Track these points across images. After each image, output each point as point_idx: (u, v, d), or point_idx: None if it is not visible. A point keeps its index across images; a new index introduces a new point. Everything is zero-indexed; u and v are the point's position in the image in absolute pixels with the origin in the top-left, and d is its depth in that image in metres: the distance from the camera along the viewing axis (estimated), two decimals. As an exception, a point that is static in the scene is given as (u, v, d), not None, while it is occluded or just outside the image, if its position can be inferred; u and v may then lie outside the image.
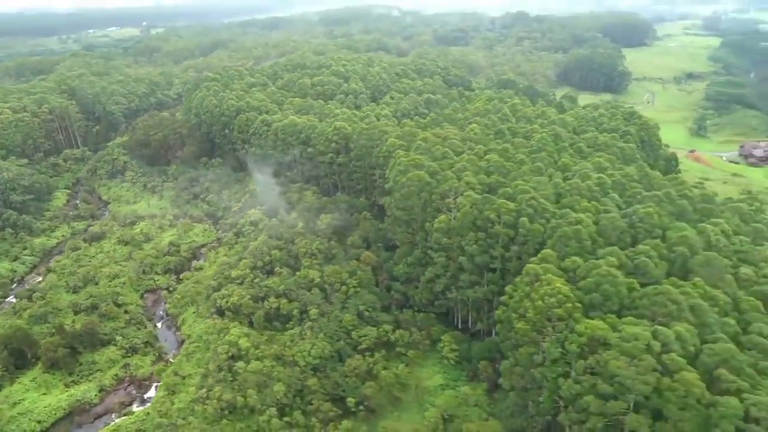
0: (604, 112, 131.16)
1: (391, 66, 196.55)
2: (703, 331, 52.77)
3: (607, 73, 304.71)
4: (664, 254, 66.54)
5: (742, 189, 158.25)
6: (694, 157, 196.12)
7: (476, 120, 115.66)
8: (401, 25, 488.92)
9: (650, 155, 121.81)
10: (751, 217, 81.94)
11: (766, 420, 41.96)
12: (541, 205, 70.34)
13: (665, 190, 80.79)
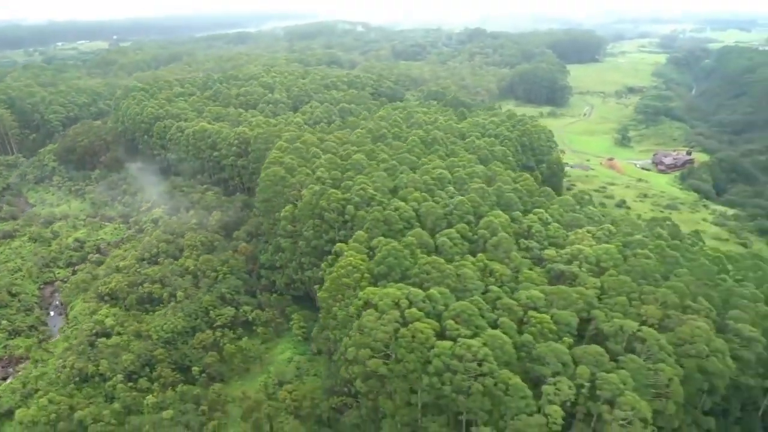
0: (497, 120, 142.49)
1: (324, 78, 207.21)
2: (461, 293, 62.51)
3: (548, 86, 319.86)
4: (469, 236, 76.69)
5: (639, 192, 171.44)
6: (609, 164, 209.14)
7: (366, 125, 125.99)
8: (364, 40, 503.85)
9: (530, 158, 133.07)
10: (572, 209, 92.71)
11: (465, 357, 51.31)
12: (368, 195, 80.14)
13: (497, 184, 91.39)
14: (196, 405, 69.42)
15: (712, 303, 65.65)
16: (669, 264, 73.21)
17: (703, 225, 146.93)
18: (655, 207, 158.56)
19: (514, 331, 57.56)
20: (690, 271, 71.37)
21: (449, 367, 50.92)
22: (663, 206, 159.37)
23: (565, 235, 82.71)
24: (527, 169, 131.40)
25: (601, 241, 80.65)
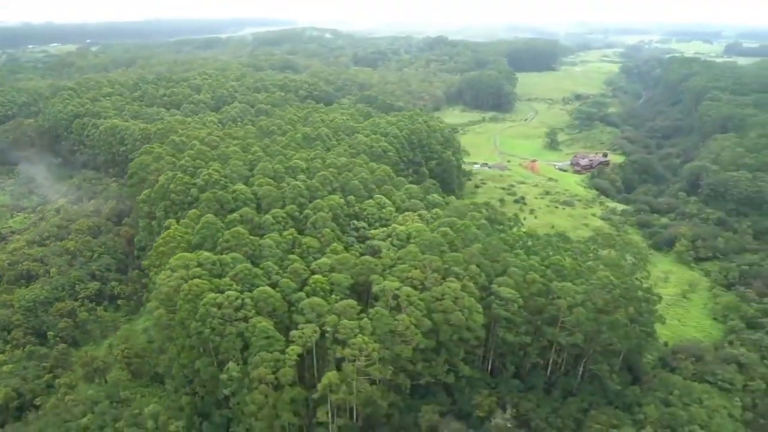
0: (393, 120, 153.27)
1: (257, 82, 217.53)
2: (258, 259, 72.47)
3: (494, 93, 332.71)
4: (296, 215, 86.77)
5: (543, 190, 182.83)
6: (529, 165, 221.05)
7: (262, 123, 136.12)
8: (330, 47, 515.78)
9: (417, 154, 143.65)
10: (416, 197, 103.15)
11: (224, 305, 61.17)
12: (213, 179, 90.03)
13: (345, 173, 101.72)
14: (39, 362, 78.28)
15: (485, 271, 76.19)
16: (467, 240, 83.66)
17: (592, 219, 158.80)
18: (552, 203, 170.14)
19: (291, 289, 67.42)
20: (483, 246, 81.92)
21: (209, 313, 60.50)
22: (560, 202, 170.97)
23: (396, 217, 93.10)
24: (414, 165, 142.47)
25: (426, 223, 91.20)
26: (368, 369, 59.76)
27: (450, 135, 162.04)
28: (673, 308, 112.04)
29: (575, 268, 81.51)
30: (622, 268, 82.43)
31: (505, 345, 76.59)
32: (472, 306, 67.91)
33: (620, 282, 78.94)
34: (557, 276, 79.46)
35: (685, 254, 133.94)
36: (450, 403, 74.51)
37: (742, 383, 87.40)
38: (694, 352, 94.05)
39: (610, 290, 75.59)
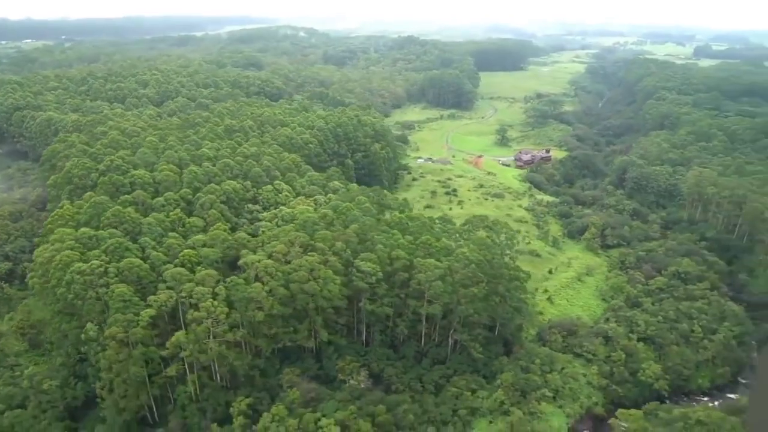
0: (323, 114, 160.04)
1: (208, 78, 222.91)
2: (136, 235, 78.75)
3: (454, 91, 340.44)
4: (189, 198, 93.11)
5: (478, 183, 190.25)
6: (474, 160, 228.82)
7: (189, 116, 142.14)
8: (302, 45, 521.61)
9: (343, 147, 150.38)
10: (317, 184, 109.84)
11: (86, 272, 67.52)
12: (114, 164, 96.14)
13: (248, 161, 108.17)
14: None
15: (351, 248, 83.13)
16: (347, 221, 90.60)
17: (517, 210, 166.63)
18: (483, 195, 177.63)
19: (161, 261, 73.87)
20: (358, 226, 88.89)
21: (74, 280, 66.71)
22: (491, 194, 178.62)
23: (290, 201, 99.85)
24: (339, 156, 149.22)
25: (317, 206, 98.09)
26: (218, 331, 66.28)
27: (382, 129, 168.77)
28: (566, 290, 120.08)
29: (445, 247, 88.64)
30: (488, 247, 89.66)
31: (372, 316, 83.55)
32: (327, 277, 74.69)
33: (481, 259, 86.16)
34: (426, 254, 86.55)
35: (593, 241, 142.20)
36: (318, 368, 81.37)
37: (605, 354, 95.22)
38: (569, 328, 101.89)
39: (467, 265, 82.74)
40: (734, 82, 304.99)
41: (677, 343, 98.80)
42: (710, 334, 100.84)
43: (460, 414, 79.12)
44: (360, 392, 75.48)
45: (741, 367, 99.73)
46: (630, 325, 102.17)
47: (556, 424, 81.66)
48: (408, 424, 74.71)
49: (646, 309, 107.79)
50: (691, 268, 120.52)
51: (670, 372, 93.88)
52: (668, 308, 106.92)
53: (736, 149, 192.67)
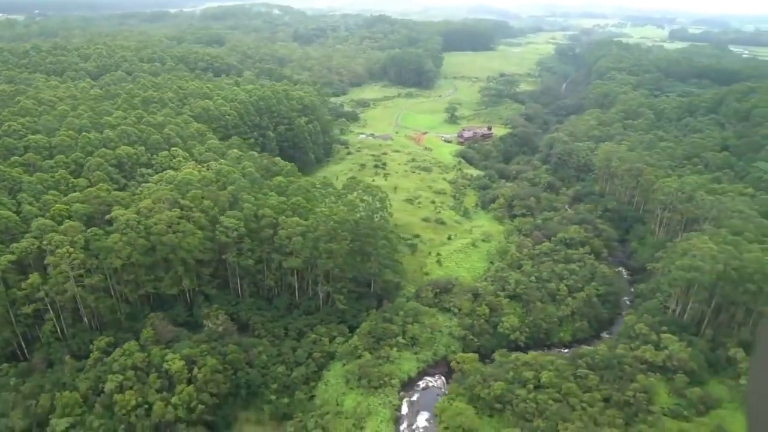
0: (249, 88, 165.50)
1: (154, 53, 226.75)
2: (17, 192, 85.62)
3: (415, 70, 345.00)
4: (81, 161, 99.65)
5: (411, 158, 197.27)
6: (416, 136, 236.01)
7: (109, 88, 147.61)
8: (274, 23, 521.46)
9: (265, 120, 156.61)
10: (215, 151, 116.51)
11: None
12: (11, 129, 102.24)
13: (150, 129, 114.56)
14: None
15: (221, 206, 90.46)
16: (227, 183, 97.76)
17: (439, 182, 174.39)
18: (412, 169, 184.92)
19: (33, 214, 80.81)
20: (236, 187, 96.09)
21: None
22: (420, 168, 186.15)
23: (183, 166, 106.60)
24: (261, 128, 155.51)
25: (207, 170, 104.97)
26: (74, 274, 73.71)
27: (312, 104, 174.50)
28: (458, 254, 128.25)
29: (313, 207, 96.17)
30: (354, 208, 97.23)
31: (241, 269, 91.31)
32: (188, 230, 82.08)
33: (346, 218, 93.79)
34: (293, 213, 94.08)
35: (499, 211, 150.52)
36: (187, 315, 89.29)
37: (470, 309, 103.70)
38: (444, 286, 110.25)
39: (327, 223, 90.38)
40: (685, 65, 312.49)
41: (542, 300, 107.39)
42: (575, 292, 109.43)
43: (314, 357, 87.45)
44: (218, 335, 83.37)
45: (602, 323, 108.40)
46: (502, 284, 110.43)
47: (406, 367, 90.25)
48: (260, 363, 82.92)
49: (524, 270, 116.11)
50: (576, 234, 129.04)
51: (531, 326, 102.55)
52: (543, 270, 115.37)
53: (661, 126, 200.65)
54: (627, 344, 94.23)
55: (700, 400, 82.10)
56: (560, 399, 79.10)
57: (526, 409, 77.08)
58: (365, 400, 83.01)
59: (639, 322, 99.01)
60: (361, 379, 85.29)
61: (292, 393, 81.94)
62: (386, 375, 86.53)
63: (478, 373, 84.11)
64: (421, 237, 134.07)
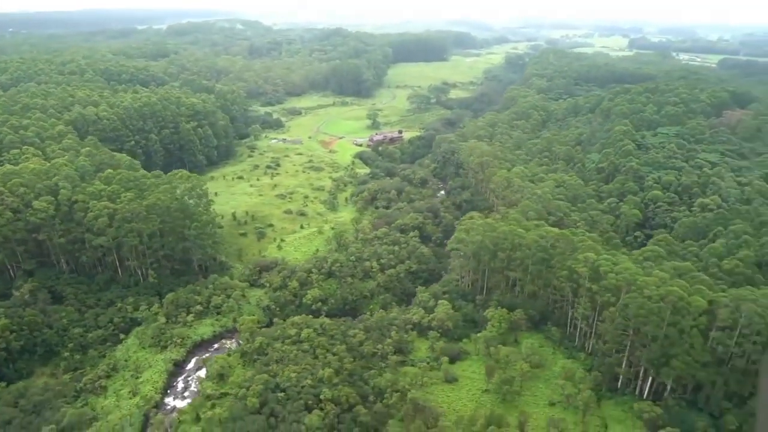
0: (139, 96, 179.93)
1: (80, 66, 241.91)
2: None
3: (353, 80, 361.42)
4: None
5: (309, 159, 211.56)
6: (329, 140, 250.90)
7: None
8: (236, 38, 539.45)
9: (149, 124, 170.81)
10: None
11: None
12: None
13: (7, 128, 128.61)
14: None
15: (38, 193, 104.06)
16: (50, 176, 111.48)
17: (323, 180, 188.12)
18: (304, 169, 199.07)
19: None
20: (60, 176, 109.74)
21: None
22: (311, 168, 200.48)
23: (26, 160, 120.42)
24: (144, 132, 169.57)
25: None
26: None
27: (205, 110, 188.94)
28: (301, 240, 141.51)
29: (134, 196, 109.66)
30: (168, 194, 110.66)
31: (57, 247, 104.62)
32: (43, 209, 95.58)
33: (156, 203, 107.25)
34: (109, 199, 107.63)
35: (361, 203, 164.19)
36: (6, 288, 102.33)
37: (281, 284, 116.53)
38: (267, 265, 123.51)
39: (130, 206, 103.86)
40: (605, 71, 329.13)
41: (354, 276, 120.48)
42: (387, 269, 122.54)
43: (116, 322, 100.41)
44: (24, 302, 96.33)
45: (409, 295, 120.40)
46: (321, 263, 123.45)
47: (201, 331, 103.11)
48: (61, 326, 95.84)
49: (349, 252, 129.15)
50: (411, 221, 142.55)
51: (339, 298, 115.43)
52: (366, 251, 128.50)
53: (546, 126, 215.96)
54: (405, 310, 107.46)
55: (443, 351, 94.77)
56: (308, 350, 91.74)
57: (273, 357, 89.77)
58: (152, 356, 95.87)
59: (426, 292, 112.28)
60: (153, 340, 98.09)
61: (86, 351, 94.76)
62: (178, 337, 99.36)
63: (252, 332, 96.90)
64: (274, 226, 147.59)
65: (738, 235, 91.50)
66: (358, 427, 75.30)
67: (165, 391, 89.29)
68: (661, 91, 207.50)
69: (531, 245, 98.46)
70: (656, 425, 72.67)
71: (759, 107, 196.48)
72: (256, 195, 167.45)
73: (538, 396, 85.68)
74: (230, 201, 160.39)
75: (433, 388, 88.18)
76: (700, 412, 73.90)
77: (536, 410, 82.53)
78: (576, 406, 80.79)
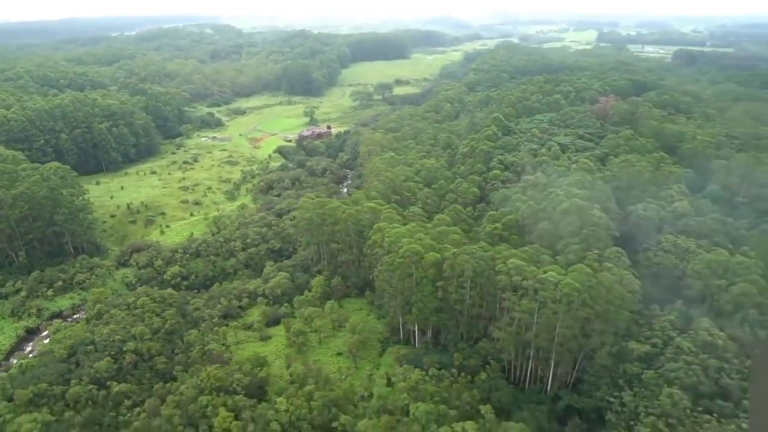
0: (58, 100, 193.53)
1: (14, 72, 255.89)
2: None
3: (303, 80, 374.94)
4: None
5: (229, 154, 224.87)
6: (260, 137, 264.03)
7: None
8: (204, 42, 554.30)
9: (60, 124, 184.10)
10: None
11: None
12: None
13: None
14: None
15: None
16: None
17: (234, 173, 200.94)
18: (219, 163, 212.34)
19: None
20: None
21: None
22: (227, 163, 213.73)
23: None
24: (55, 132, 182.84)
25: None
26: None
27: (122, 111, 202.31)
28: (187, 225, 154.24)
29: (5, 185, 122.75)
30: (38, 184, 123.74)
31: None
32: None
33: (25, 192, 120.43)
34: None
35: (257, 192, 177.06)
36: None
37: (147, 263, 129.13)
38: (140, 247, 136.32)
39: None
40: (543, 64, 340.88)
41: (218, 254, 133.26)
42: (250, 248, 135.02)
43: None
44: None
45: (261, 269, 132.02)
46: (190, 245, 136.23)
47: (60, 304, 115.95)
48: None
49: (221, 234, 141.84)
50: (287, 206, 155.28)
51: (201, 274, 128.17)
52: (237, 234, 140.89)
53: (459, 117, 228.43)
54: (246, 281, 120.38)
55: (267, 315, 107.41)
56: (139, 314, 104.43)
57: (105, 320, 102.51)
58: (9, 325, 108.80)
59: (273, 266, 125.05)
60: (12, 311, 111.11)
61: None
62: (36, 308, 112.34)
63: (95, 302, 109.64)
64: (166, 214, 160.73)
65: (514, 203, 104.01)
66: (151, 372, 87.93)
67: (11, 353, 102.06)
68: (561, 81, 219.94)
69: (348, 219, 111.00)
70: (402, 361, 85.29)
71: (651, 95, 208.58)
72: (160, 188, 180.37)
73: (331, 348, 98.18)
74: (133, 193, 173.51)
75: (248, 344, 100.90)
76: (443, 352, 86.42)
77: (325, 358, 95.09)
78: (357, 355, 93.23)
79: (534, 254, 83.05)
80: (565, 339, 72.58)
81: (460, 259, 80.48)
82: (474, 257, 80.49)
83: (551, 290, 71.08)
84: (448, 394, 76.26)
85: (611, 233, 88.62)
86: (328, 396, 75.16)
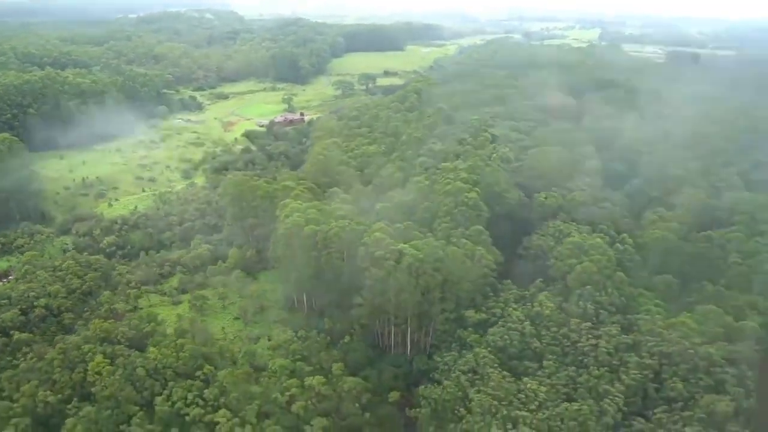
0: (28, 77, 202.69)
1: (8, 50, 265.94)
2: None
3: (290, 67, 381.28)
4: None
5: (198, 137, 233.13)
6: (234, 120, 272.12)
7: None
8: (202, 27, 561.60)
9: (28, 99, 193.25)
10: None
11: None
12: None
13: None
14: None
15: None
16: None
17: (196, 153, 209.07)
18: (184, 144, 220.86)
19: None
20: None
21: None
22: (193, 144, 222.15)
23: None
24: (22, 107, 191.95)
25: None
26: None
27: (93, 90, 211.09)
28: (136, 200, 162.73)
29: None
30: None
31: None
32: None
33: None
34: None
35: (210, 172, 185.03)
36: None
37: (87, 232, 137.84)
38: (83, 218, 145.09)
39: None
40: (528, 60, 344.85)
41: (156, 227, 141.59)
42: (192, 221, 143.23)
43: None
44: None
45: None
46: (131, 216, 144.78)
47: (4, 265, 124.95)
48: None
49: (164, 209, 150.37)
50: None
51: (137, 243, 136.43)
52: (182, 208, 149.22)
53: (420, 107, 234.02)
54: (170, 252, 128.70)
55: (184, 282, 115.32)
56: (61, 276, 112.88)
57: (28, 280, 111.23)
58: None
59: (201, 239, 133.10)
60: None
61: None
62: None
63: (25, 264, 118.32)
64: (119, 189, 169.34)
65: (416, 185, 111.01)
66: (57, 327, 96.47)
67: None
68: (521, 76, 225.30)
69: (263, 196, 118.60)
70: (280, 325, 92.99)
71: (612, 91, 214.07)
72: (120, 165, 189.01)
73: (232, 313, 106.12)
74: (92, 168, 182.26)
75: (160, 308, 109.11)
76: (320, 318, 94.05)
77: (222, 322, 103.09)
78: (251, 320, 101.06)
79: (405, 230, 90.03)
80: (411, 305, 79.66)
81: (331, 232, 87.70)
82: (345, 231, 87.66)
83: (396, 260, 78.16)
84: (308, 353, 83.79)
85: (481, 214, 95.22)
86: (198, 349, 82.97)
